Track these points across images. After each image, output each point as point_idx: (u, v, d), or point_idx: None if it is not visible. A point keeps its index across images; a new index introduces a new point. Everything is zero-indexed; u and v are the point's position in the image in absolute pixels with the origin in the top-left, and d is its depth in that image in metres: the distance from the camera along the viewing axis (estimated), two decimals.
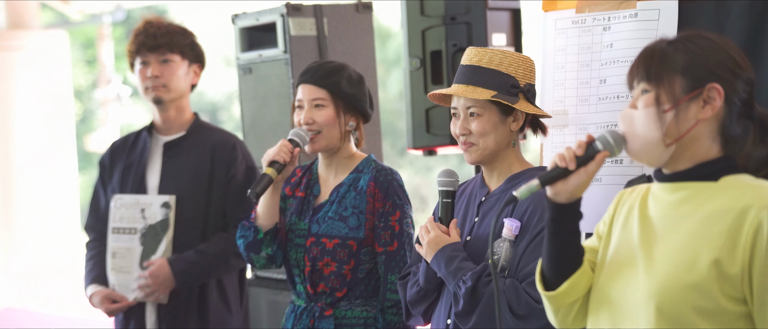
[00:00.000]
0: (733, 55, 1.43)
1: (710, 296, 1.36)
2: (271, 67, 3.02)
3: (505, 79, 1.90)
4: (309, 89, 2.25)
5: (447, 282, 1.90)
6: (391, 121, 9.56)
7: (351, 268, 2.25)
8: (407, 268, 2.09)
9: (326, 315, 2.25)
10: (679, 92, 1.41)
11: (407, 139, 3.11)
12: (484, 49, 1.94)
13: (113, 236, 2.71)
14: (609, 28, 2.05)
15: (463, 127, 1.93)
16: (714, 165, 1.42)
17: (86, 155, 10.53)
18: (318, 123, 2.24)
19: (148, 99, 2.75)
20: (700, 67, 1.41)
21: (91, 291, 2.72)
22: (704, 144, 1.42)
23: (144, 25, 2.73)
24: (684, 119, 1.41)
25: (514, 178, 1.95)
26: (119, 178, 2.75)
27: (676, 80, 1.42)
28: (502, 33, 3.01)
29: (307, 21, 2.97)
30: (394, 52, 10.43)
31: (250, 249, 2.27)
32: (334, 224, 2.26)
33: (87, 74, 11.85)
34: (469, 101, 1.92)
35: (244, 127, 3.15)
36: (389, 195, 2.26)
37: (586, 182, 1.50)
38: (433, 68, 3.01)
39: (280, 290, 3.04)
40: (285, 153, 2.19)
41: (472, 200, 2.01)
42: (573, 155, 1.49)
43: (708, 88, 1.40)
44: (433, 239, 1.91)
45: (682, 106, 1.41)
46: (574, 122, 2.11)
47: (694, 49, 1.43)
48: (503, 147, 1.94)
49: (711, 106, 1.41)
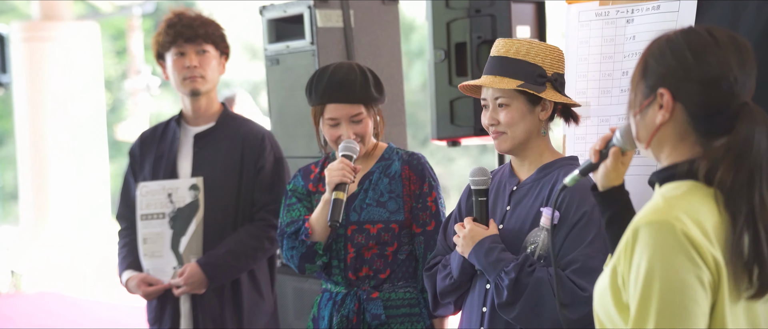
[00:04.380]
0: (687, 56, 1.39)
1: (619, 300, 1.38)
2: (298, 58, 3.06)
3: (532, 68, 1.92)
4: (346, 108, 2.27)
5: (487, 273, 1.92)
6: (412, 112, 9.58)
7: (393, 250, 2.30)
8: (432, 259, 2.11)
9: (373, 298, 2.29)
10: (640, 98, 1.44)
11: (431, 130, 3.14)
12: (512, 40, 1.96)
13: (142, 223, 2.75)
14: (632, 21, 2.06)
15: (492, 117, 1.96)
16: (663, 172, 1.43)
17: (116, 144, 10.69)
18: (360, 135, 2.29)
19: (184, 90, 2.76)
20: (653, 72, 1.42)
21: (126, 276, 2.76)
22: (672, 146, 1.42)
23: (178, 16, 2.74)
24: (648, 124, 1.43)
25: (546, 167, 1.97)
26: (151, 168, 2.78)
27: (640, 86, 1.44)
28: (527, 25, 3.02)
29: (334, 13, 3.00)
30: (417, 44, 10.44)
31: (304, 260, 2.30)
32: (374, 210, 2.30)
33: (117, 65, 12.01)
34: (497, 91, 1.94)
35: (271, 117, 3.20)
36: (424, 177, 2.32)
37: (612, 174, 1.57)
38: (458, 60, 3.03)
39: (305, 278, 3.08)
40: (349, 173, 2.22)
41: (502, 189, 2.02)
42: (594, 149, 1.56)
43: (659, 93, 1.41)
44: (469, 233, 1.94)
45: (644, 111, 1.43)
46: (597, 113, 2.13)
47: (653, 54, 1.43)
48: (533, 136, 1.96)
49: (663, 110, 1.40)
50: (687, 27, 1.44)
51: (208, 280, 2.67)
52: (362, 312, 2.30)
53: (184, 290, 2.67)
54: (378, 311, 2.28)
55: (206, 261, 2.68)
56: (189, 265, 2.68)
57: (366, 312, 2.29)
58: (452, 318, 2.32)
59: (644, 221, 1.34)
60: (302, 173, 2.43)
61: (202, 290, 2.69)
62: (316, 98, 2.31)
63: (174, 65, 2.76)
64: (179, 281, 2.67)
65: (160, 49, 2.79)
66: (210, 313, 2.71)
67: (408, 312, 2.30)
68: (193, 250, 2.71)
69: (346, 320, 2.30)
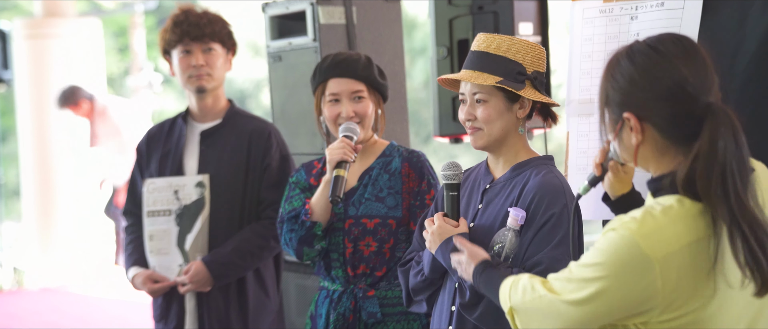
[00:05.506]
0: (635, 78, 1.39)
1: None
2: (301, 55, 3.06)
3: (512, 66, 1.89)
4: (348, 83, 2.29)
5: (451, 272, 1.90)
6: (415, 110, 9.58)
7: (390, 246, 2.30)
8: (407, 255, 2.09)
9: (369, 296, 2.29)
10: (612, 124, 1.44)
11: (433, 127, 3.14)
12: (493, 36, 1.93)
13: (149, 220, 2.76)
14: (636, 18, 2.06)
15: (468, 113, 1.93)
16: (651, 184, 1.44)
17: None
18: (359, 115, 2.29)
19: (190, 88, 2.76)
20: (613, 99, 1.42)
21: (132, 273, 2.76)
22: (656, 161, 1.43)
23: (184, 13, 2.73)
24: (627, 146, 1.44)
25: (519, 167, 1.94)
26: (157, 165, 2.78)
27: (607, 112, 1.44)
28: (529, 22, 3.02)
29: (337, 10, 3.00)
30: (419, 41, 10.43)
31: (303, 243, 2.29)
32: (372, 205, 2.30)
33: (119, 62, 12.01)
34: (476, 86, 1.91)
35: (273, 115, 3.20)
36: (424, 175, 2.32)
37: (617, 185, 1.59)
38: (460, 57, 3.03)
39: (308, 274, 3.09)
40: (349, 151, 2.23)
41: (476, 187, 2.00)
42: (595, 163, 1.58)
43: (624, 117, 1.41)
44: (437, 229, 1.91)
45: (619, 135, 1.44)
46: None
47: (609, 80, 1.43)
48: (510, 134, 1.93)
49: (635, 132, 1.41)
50: (630, 44, 1.44)
51: (213, 278, 2.67)
52: (358, 310, 2.29)
53: (189, 288, 2.68)
54: (374, 309, 2.28)
55: (211, 260, 2.68)
56: (194, 263, 2.68)
57: (362, 311, 2.29)
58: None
59: (617, 225, 1.37)
60: (305, 168, 2.44)
61: (207, 288, 2.69)
62: (320, 76, 2.32)
63: (180, 63, 2.76)
64: (184, 279, 2.67)
65: (166, 46, 2.79)
66: (215, 311, 2.72)
67: (404, 311, 2.29)
68: (199, 248, 2.72)
69: (343, 318, 2.30)
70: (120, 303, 6.40)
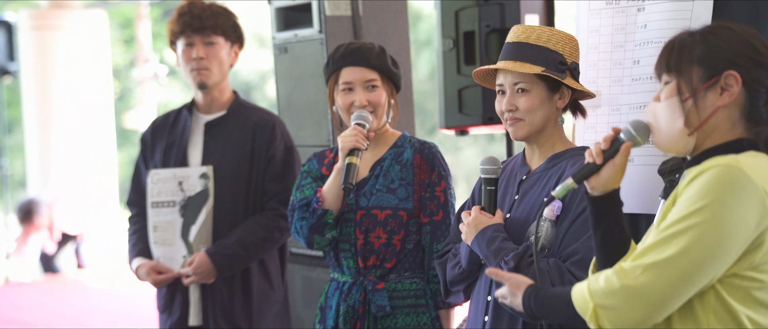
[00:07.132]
0: (755, 44, 1.46)
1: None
2: (307, 47, 3.06)
3: (553, 55, 1.90)
4: (362, 71, 2.29)
5: (488, 262, 1.91)
6: (421, 101, 9.58)
7: (400, 238, 2.29)
8: (444, 247, 2.11)
9: (379, 288, 2.29)
10: (696, 82, 1.46)
11: (439, 118, 3.13)
12: (532, 26, 1.94)
13: (153, 211, 2.76)
14: (643, 9, 2.05)
15: (509, 103, 1.93)
16: (728, 147, 1.45)
17: (124, 132, 10.72)
18: (373, 104, 2.29)
19: (192, 81, 2.77)
20: (717, 57, 1.45)
21: (136, 264, 2.77)
22: (725, 131, 1.46)
23: (189, 5, 2.73)
24: (703, 107, 1.46)
25: (556, 157, 1.96)
26: (161, 156, 2.79)
27: (694, 70, 1.46)
28: (536, 14, 3.01)
29: (342, 2, 3.00)
30: (425, 33, 10.41)
31: (314, 231, 2.28)
32: (383, 196, 2.30)
33: (125, 53, 12.03)
34: (517, 76, 1.91)
35: (279, 106, 3.20)
36: (435, 166, 2.32)
37: (617, 174, 1.56)
38: (466, 49, 3.02)
39: (314, 266, 3.09)
40: (362, 139, 2.23)
41: (513, 178, 2.01)
42: (600, 150, 1.55)
43: (725, 75, 1.44)
44: (473, 221, 1.93)
45: (700, 95, 1.45)
46: (607, 102, 2.12)
47: (713, 40, 1.47)
48: (549, 124, 1.94)
49: (728, 93, 1.44)
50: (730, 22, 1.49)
51: (217, 270, 2.68)
52: (368, 303, 2.29)
53: (193, 279, 2.68)
54: (383, 302, 2.27)
55: (215, 251, 2.68)
56: (198, 254, 2.68)
57: (371, 303, 2.29)
58: (460, 310, 2.32)
59: (710, 165, 1.39)
60: (317, 158, 2.43)
61: (211, 279, 2.70)
62: (333, 65, 2.32)
63: (183, 55, 2.76)
64: (188, 270, 2.68)
65: (171, 37, 2.80)
66: (219, 303, 2.72)
67: (413, 303, 2.30)
68: (203, 239, 2.72)
69: (352, 310, 2.30)
70: (124, 295, 6.43)
